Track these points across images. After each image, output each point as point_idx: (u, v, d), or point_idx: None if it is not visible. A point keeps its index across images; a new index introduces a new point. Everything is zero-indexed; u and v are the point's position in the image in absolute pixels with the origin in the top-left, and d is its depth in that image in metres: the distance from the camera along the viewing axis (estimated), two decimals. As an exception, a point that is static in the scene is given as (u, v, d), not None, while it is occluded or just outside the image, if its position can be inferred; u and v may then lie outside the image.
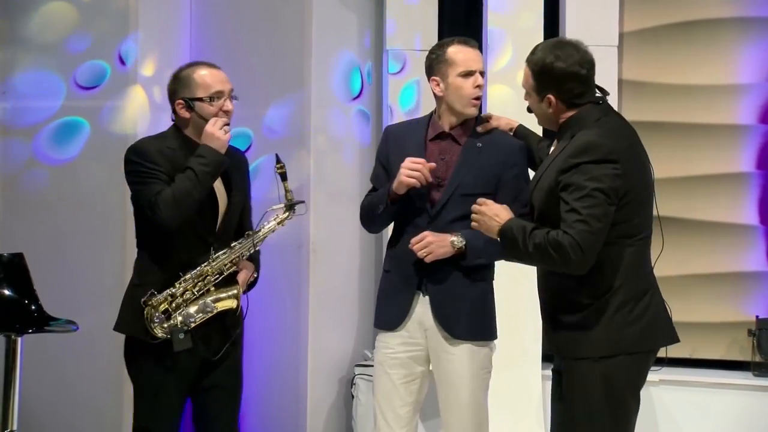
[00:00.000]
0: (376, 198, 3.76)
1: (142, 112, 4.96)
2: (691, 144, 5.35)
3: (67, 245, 5.00)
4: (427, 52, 3.81)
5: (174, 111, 3.65)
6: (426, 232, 3.64)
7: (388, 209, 3.71)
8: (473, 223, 3.37)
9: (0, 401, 4.29)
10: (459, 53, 3.70)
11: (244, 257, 3.68)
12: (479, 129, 3.77)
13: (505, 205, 3.34)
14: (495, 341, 3.79)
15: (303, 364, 5.11)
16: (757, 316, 5.20)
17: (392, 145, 3.82)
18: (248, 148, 5.15)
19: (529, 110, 3.37)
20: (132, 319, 3.58)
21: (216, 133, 3.55)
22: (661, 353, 3.34)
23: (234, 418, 3.79)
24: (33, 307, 4.25)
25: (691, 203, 5.33)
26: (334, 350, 5.32)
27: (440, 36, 5.46)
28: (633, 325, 3.16)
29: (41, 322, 4.25)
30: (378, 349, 3.82)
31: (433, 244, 3.62)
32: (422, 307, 3.72)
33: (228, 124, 3.60)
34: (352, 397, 5.26)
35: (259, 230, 3.67)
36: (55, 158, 5.08)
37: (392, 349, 3.76)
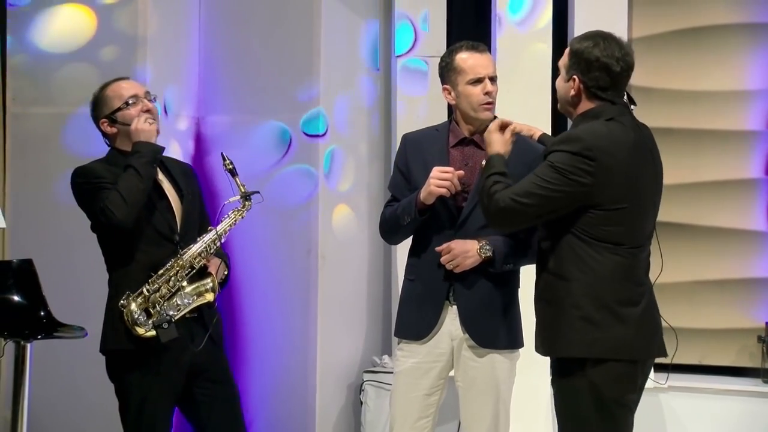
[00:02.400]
0: (401, 209, 3.67)
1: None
2: (699, 150, 5.33)
3: (76, 251, 5.00)
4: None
5: (103, 134, 3.74)
6: (451, 243, 3.58)
7: (416, 220, 3.62)
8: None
9: (9, 407, 4.30)
10: (468, 60, 3.65)
11: (212, 251, 3.71)
12: None
13: (505, 139, 3.39)
14: (520, 349, 3.76)
15: (311, 370, 5.11)
16: (766, 323, 5.17)
17: (411, 153, 3.76)
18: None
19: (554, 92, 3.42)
20: (116, 331, 3.62)
21: (140, 126, 3.64)
22: (669, 360, 3.32)
23: (240, 426, 3.79)
24: (42, 313, 4.25)
25: (699, 209, 5.31)
26: (342, 356, 5.31)
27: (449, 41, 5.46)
28: (608, 331, 3.13)
29: (50, 328, 4.26)
30: (400, 358, 3.74)
31: (460, 256, 3.57)
32: (451, 317, 3.66)
33: (153, 118, 3.68)
34: (361, 403, 5.25)
35: (220, 223, 3.73)
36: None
37: (417, 359, 3.69)
